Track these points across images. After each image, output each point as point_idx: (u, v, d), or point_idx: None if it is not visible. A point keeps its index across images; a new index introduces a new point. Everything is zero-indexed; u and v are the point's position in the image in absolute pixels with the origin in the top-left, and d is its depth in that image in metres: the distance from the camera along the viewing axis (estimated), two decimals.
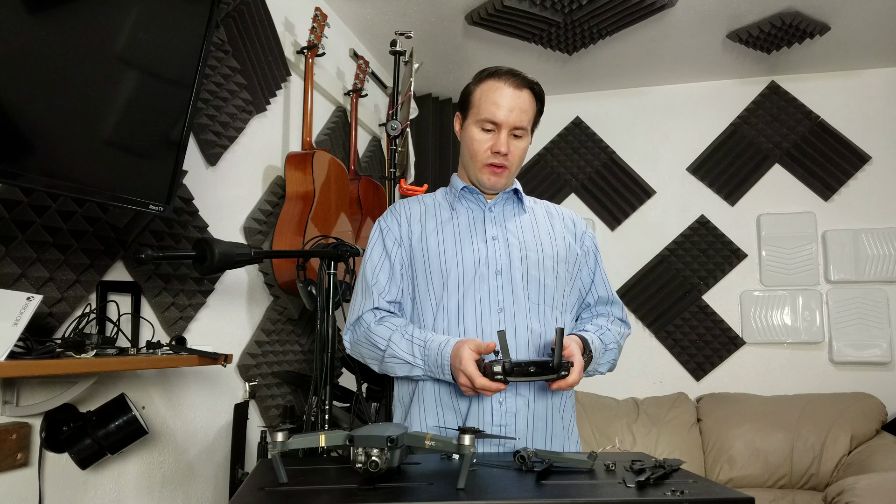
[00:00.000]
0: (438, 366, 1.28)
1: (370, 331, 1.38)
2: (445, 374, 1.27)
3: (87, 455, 1.45)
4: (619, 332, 1.48)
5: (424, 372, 1.31)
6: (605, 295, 1.51)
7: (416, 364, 1.31)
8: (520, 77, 1.39)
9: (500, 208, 1.47)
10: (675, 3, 2.75)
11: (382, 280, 1.42)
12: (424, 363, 1.30)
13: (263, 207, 2.28)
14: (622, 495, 0.88)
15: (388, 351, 1.34)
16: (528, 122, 1.40)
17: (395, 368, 1.35)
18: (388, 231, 1.46)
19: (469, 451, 0.91)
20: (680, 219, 3.64)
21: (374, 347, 1.37)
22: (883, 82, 3.46)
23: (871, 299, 3.32)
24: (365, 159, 3.17)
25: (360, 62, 2.85)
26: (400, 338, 1.34)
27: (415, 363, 1.31)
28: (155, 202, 1.51)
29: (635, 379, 3.54)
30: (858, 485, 2.29)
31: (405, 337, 1.33)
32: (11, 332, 1.16)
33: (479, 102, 1.39)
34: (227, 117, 2.07)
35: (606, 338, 1.43)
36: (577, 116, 3.87)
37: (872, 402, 3.06)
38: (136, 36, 1.41)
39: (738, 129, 3.62)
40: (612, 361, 1.44)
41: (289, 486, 0.93)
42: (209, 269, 1.47)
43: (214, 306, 2.03)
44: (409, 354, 1.32)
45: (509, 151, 1.38)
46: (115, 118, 1.39)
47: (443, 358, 1.27)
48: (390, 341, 1.34)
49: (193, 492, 1.94)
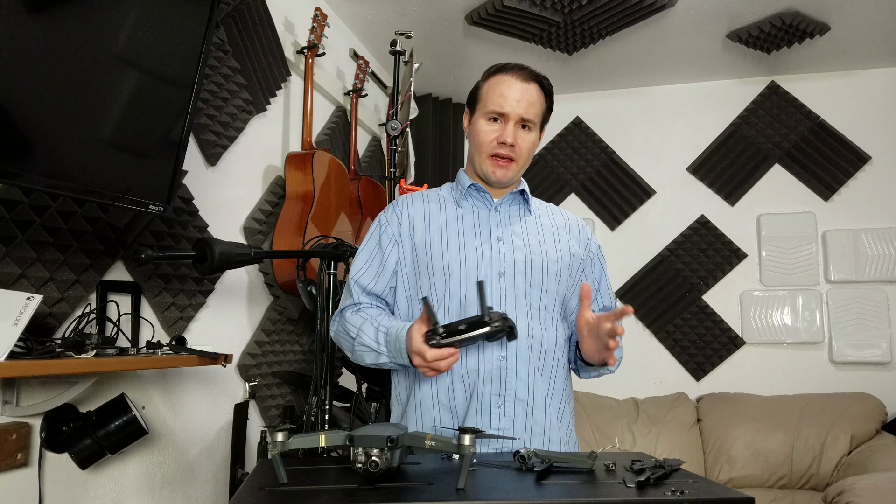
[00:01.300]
0: (398, 351, 1.26)
1: (345, 320, 1.39)
2: (404, 358, 1.25)
3: (87, 455, 1.45)
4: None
5: (389, 359, 1.30)
6: (610, 304, 1.50)
7: (380, 351, 1.31)
8: (527, 71, 1.40)
9: (506, 209, 1.45)
10: (675, 3, 2.75)
11: (369, 275, 1.42)
12: (388, 349, 1.29)
13: (263, 207, 2.28)
14: (622, 495, 0.88)
15: (357, 339, 1.34)
16: (536, 115, 1.39)
17: (363, 356, 1.35)
18: (386, 226, 1.44)
19: (469, 452, 0.91)
20: (680, 219, 3.64)
21: (347, 337, 1.38)
22: (883, 82, 3.46)
23: (871, 299, 3.32)
24: (365, 159, 3.17)
25: (360, 62, 2.85)
26: (369, 326, 1.34)
27: (379, 350, 1.31)
28: (155, 202, 1.51)
29: (635, 379, 3.53)
30: (858, 485, 2.29)
31: (373, 325, 1.33)
32: (11, 332, 1.16)
33: (486, 96, 1.39)
34: (227, 117, 2.07)
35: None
36: (577, 116, 3.87)
37: (872, 402, 3.06)
38: (136, 36, 1.41)
39: (738, 129, 3.62)
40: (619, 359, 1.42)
41: (289, 486, 0.93)
42: (209, 269, 1.47)
43: (214, 306, 2.03)
44: (374, 342, 1.31)
45: (516, 143, 1.37)
46: (114, 118, 1.39)
47: (400, 342, 1.25)
48: (360, 329, 1.34)
49: (193, 492, 1.94)
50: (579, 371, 1.46)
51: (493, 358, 1.32)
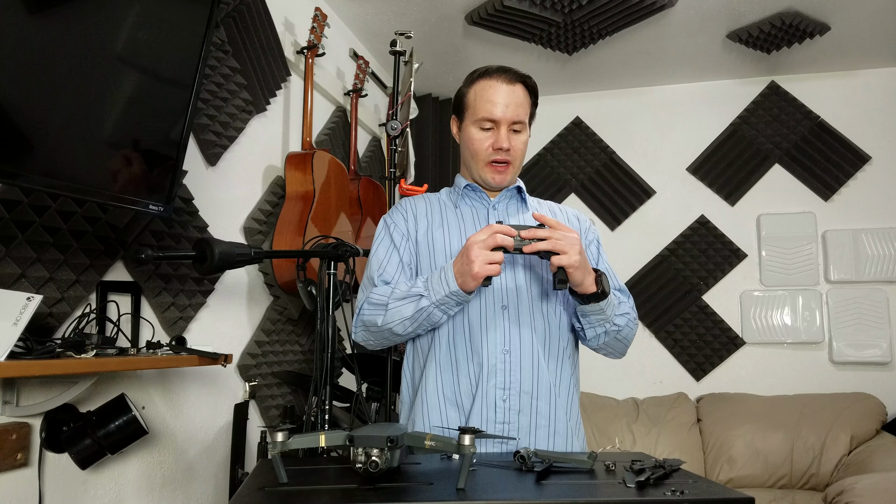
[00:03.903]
0: (441, 279, 1.25)
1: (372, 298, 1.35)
2: (450, 281, 1.24)
3: (87, 455, 1.45)
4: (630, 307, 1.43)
5: (429, 299, 1.27)
6: (615, 285, 1.47)
7: (419, 293, 1.28)
8: (511, 72, 1.40)
9: (503, 206, 1.47)
10: (675, 3, 2.75)
11: (391, 268, 1.40)
12: (427, 287, 1.28)
13: (263, 207, 2.28)
14: (622, 495, 0.88)
15: (392, 296, 1.32)
16: (526, 115, 1.40)
17: (401, 311, 1.30)
18: (395, 226, 1.46)
19: (469, 451, 0.91)
20: (680, 219, 3.64)
21: (376, 307, 1.34)
22: (883, 82, 3.46)
23: (871, 299, 3.32)
24: (365, 159, 3.17)
25: (360, 62, 2.85)
26: (402, 284, 1.34)
27: (419, 292, 1.28)
28: (155, 202, 1.51)
29: (635, 379, 3.54)
30: (858, 485, 2.29)
31: (406, 283, 1.34)
32: (11, 332, 1.16)
33: (474, 103, 1.40)
34: (227, 117, 2.07)
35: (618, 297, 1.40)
36: (577, 116, 3.87)
37: (872, 402, 3.06)
38: (136, 36, 1.41)
39: (738, 129, 3.62)
40: (626, 315, 1.39)
41: (289, 486, 0.93)
42: (209, 269, 1.47)
43: (214, 306, 2.03)
44: (411, 289, 1.30)
45: (511, 146, 1.39)
46: (114, 118, 1.39)
47: (445, 271, 1.25)
48: (393, 291, 1.33)
49: (193, 492, 1.94)
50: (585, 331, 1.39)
51: (497, 352, 1.33)
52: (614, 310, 1.35)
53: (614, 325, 1.36)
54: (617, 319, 1.36)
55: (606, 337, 1.38)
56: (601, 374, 3.37)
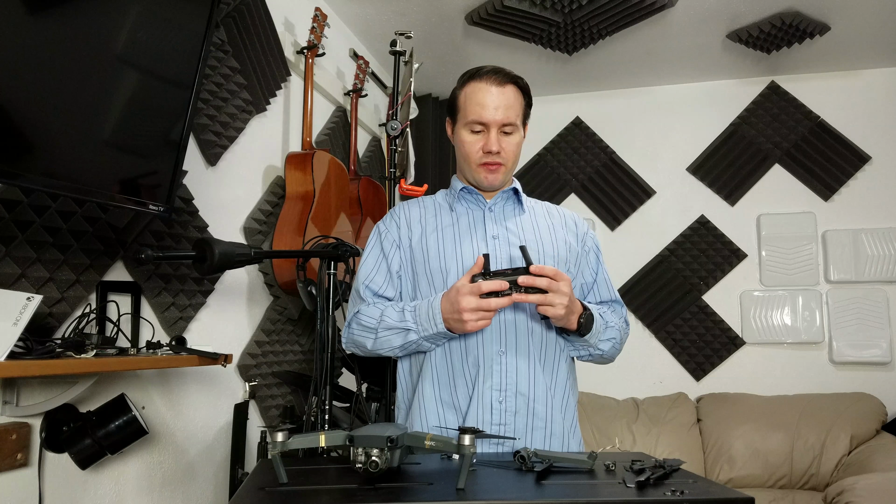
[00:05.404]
0: (430, 318, 1.28)
1: (361, 317, 1.39)
2: (438, 323, 1.26)
3: (87, 455, 1.45)
4: (621, 320, 1.45)
5: (418, 333, 1.30)
6: (609, 296, 1.50)
7: (408, 327, 1.31)
8: (501, 73, 1.38)
9: (500, 208, 1.47)
10: (675, 3, 2.75)
11: (379, 279, 1.43)
12: (416, 321, 1.30)
13: (263, 207, 2.28)
14: (622, 495, 0.88)
15: (381, 325, 1.35)
16: (516, 116, 1.39)
17: (390, 340, 1.34)
18: (386, 234, 1.46)
19: (469, 451, 0.91)
20: (680, 219, 3.64)
21: (366, 331, 1.37)
22: (883, 82, 3.46)
23: (871, 299, 3.32)
24: (365, 159, 3.17)
25: (360, 62, 2.85)
26: (391, 311, 1.35)
27: (407, 326, 1.31)
28: (155, 202, 1.51)
29: (635, 379, 3.54)
30: (858, 485, 2.29)
31: (396, 309, 1.35)
32: (11, 332, 1.16)
33: (464, 105, 1.40)
34: (227, 117, 2.07)
35: (607, 316, 1.41)
36: (577, 116, 3.87)
37: (872, 402, 3.06)
38: (136, 36, 1.41)
39: (737, 129, 3.62)
40: (613, 340, 1.40)
41: (289, 486, 0.93)
42: (209, 269, 1.47)
43: (214, 306, 2.03)
44: (400, 321, 1.32)
45: (501, 149, 1.38)
46: (115, 118, 1.39)
47: (433, 309, 1.27)
48: (382, 316, 1.35)
49: (193, 492, 1.94)
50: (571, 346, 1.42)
51: (493, 353, 1.33)
52: (599, 336, 1.36)
53: (598, 350, 1.39)
54: (601, 345, 1.39)
55: (590, 358, 1.43)
56: (601, 374, 3.36)
